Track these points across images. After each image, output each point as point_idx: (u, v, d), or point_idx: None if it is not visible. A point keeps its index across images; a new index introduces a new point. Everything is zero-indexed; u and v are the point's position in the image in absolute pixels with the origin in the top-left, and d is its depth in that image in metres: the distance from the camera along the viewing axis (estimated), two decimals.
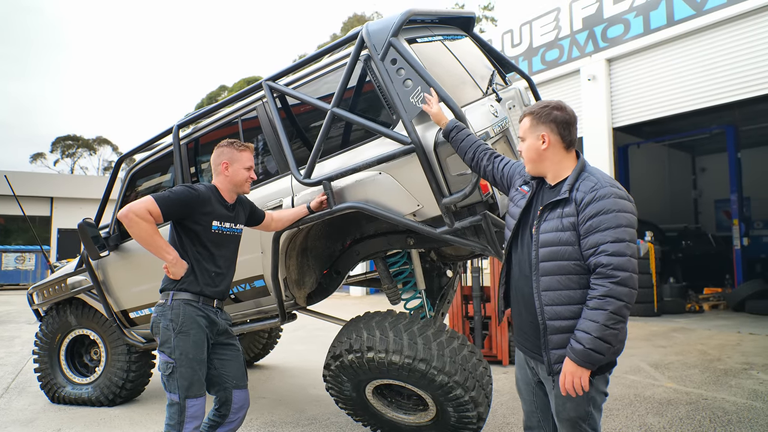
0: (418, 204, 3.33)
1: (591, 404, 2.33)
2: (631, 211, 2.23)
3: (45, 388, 5.73)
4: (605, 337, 2.14)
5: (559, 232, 2.28)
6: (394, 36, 3.23)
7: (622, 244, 2.15)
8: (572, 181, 2.32)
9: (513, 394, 5.47)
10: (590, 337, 2.14)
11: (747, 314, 10.83)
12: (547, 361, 2.33)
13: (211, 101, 43.31)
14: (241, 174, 3.31)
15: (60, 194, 29.44)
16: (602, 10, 11.09)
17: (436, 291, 4.78)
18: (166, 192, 3.11)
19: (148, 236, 2.99)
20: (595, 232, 2.19)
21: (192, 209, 3.13)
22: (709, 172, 18.29)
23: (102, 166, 54.06)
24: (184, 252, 3.17)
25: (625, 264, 2.14)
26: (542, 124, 2.38)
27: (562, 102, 2.43)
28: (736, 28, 9.25)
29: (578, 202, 2.25)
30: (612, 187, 2.24)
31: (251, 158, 3.36)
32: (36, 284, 5.99)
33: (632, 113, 10.96)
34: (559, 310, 2.27)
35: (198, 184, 3.27)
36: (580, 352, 2.17)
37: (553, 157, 2.39)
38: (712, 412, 4.74)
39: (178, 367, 3.04)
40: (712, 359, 6.83)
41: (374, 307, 5.87)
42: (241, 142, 3.38)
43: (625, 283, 2.13)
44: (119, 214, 2.98)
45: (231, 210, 3.34)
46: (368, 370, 3.63)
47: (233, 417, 3.31)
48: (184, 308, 3.10)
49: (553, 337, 2.29)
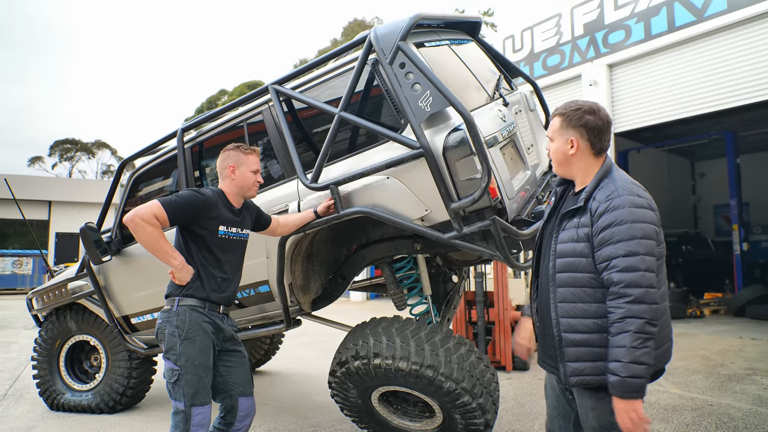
0: (427, 209, 3.30)
1: (615, 415, 2.18)
2: (650, 221, 2.12)
3: (44, 395, 5.67)
4: (638, 359, 2.00)
5: (574, 243, 2.21)
6: (403, 40, 3.20)
7: (636, 258, 2.04)
8: (591, 189, 2.23)
9: (518, 400, 5.44)
10: (622, 365, 2.01)
11: (748, 319, 10.83)
12: (563, 373, 2.25)
13: (210, 105, 43.36)
14: (249, 177, 3.28)
15: (58, 198, 29.33)
16: (603, 16, 11.11)
17: (441, 296, 4.75)
18: (173, 196, 3.07)
19: (154, 241, 2.96)
20: (607, 244, 2.09)
21: (199, 214, 3.10)
22: (708, 178, 18.33)
23: (101, 170, 54.07)
24: (190, 257, 3.14)
25: (639, 280, 2.03)
26: (572, 128, 2.27)
27: (596, 104, 2.30)
28: (736, 34, 9.27)
29: (593, 212, 2.16)
30: (630, 196, 2.13)
31: (258, 161, 3.34)
32: (35, 289, 5.94)
33: (633, 118, 10.97)
34: (573, 323, 2.20)
35: (204, 189, 3.24)
36: (618, 384, 2.03)
37: (580, 163, 2.30)
38: (718, 418, 4.72)
39: (183, 375, 3.00)
40: (716, 365, 6.81)
41: (375, 312, 5.85)
42: (247, 145, 3.35)
43: (642, 300, 2.02)
44: (125, 218, 2.95)
45: (238, 215, 3.31)
46: (375, 376, 3.60)
47: (239, 425, 3.27)
48: (190, 314, 3.06)
49: (568, 349, 2.21)
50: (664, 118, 10.43)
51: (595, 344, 2.15)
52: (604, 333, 2.12)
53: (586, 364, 2.17)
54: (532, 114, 4.68)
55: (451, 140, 3.13)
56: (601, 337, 2.13)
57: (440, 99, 3.08)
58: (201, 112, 40.94)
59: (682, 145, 15.49)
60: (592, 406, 2.23)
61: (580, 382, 2.20)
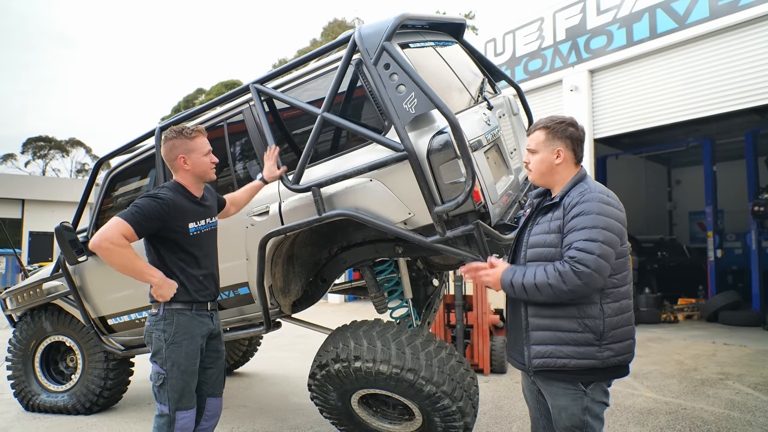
0: (410, 212, 3.29)
1: (587, 413, 2.34)
2: (615, 217, 2.28)
3: (19, 396, 5.58)
4: (527, 288, 2.29)
5: (545, 234, 2.39)
6: (388, 40, 3.18)
7: (594, 244, 2.20)
8: (567, 189, 2.42)
9: (496, 403, 5.45)
10: (520, 278, 2.31)
11: (720, 325, 10.98)
12: (527, 356, 2.41)
13: (188, 104, 42.95)
14: (203, 162, 3.12)
15: (32, 196, 28.81)
16: (585, 21, 11.19)
17: (422, 300, 4.75)
18: (133, 208, 2.90)
19: (129, 262, 2.83)
20: (573, 231, 2.27)
21: (165, 220, 2.96)
22: (683, 185, 18.56)
23: (75, 169, 53.25)
24: (164, 264, 3.04)
25: (589, 260, 2.18)
26: (558, 140, 2.45)
27: (574, 118, 2.51)
28: (716, 42, 9.39)
29: (566, 205, 2.35)
30: (600, 194, 2.32)
31: (206, 141, 3.17)
32: (9, 289, 5.82)
33: (613, 125, 11.06)
34: (540, 308, 2.36)
35: (162, 190, 3.05)
36: (507, 277, 2.37)
37: (563, 172, 2.47)
38: (692, 421, 4.78)
39: (169, 379, 2.96)
40: (689, 369, 6.90)
41: (353, 314, 5.82)
42: (189, 127, 3.14)
43: (583, 277, 2.18)
44: (91, 244, 2.80)
45: (202, 204, 3.19)
46: (355, 379, 3.58)
47: (205, 424, 3.25)
48: (177, 318, 3.01)
49: (534, 333, 2.38)
50: (644, 124, 10.53)
51: (558, 329, 2.32)
52: (569, 318, 2.30)
53: (549, 347, 2.34)
54: (515, 118, 4.69)
55: (436, 143, 3.12)
56: (565, 321, 2.31)
57: (425, 101, 3.07)
58: (178, 111, 40.60)
59: (660, 151, 15.66)
60: (564, 406, 2.36)
61: (542, 365, 2.36)
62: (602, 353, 2.27)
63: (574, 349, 2.29)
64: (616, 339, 2.29)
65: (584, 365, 2.29)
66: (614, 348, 2.29)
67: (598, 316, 2.28)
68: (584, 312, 2.29)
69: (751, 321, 10.70)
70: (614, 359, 2.30)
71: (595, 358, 2.27)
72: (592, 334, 2.27)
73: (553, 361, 2.33)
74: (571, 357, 2.29)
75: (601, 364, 2.28)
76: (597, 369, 2.30)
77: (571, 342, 2.29)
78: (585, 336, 2.28)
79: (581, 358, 2.28)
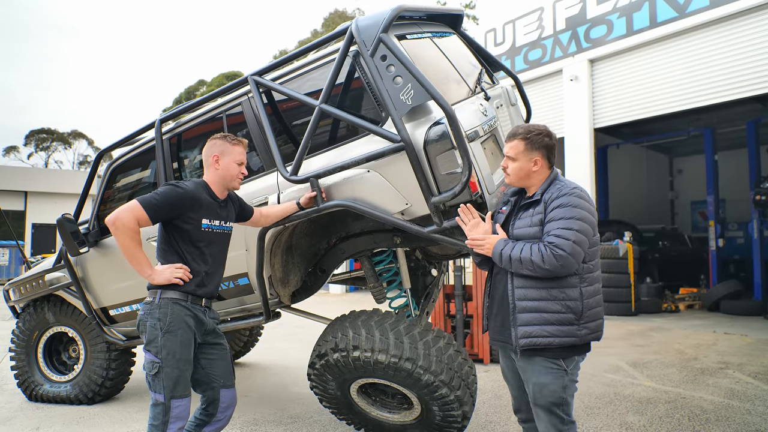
0: (407, 203, 3.31)
1: (566, 391, 2.63)
2: (588, 210, 2.60)
3: (22, 386, 5.62)
4: (513, 261, 2.59)
5: (528, 228, 2.68)
6: (385, 32, 3.17)
7: (570, 232, 2.50)
8: (545, 187, 2.73)
9: (495, 392, 5.49)
10: (509, 251, 2.60)
11: (722, 314, 11.01)
12: (514, 337, 2.64)
13: (189, 96, 42.88)
14: (233, 169, 3.23)
15: (34, 188, 28.90)
16: (585, 11, 11.15)
17: (421, 290, 4.77)
18: (153, 195, 3.02)
19: (132, 248, 2.95)
20: (552, 221, 2.58)
21: (181, 208, 3.05)
22: (685, 174, 18.52)
23: (77, 161, 53.29)
24: (174, 251, 3.11)
25: (565, 245, 2.48)
26: (536, 150, 2.73)
27: (547, 127, 2.79)
28: (717, 31, 9.36)
29: (547, 201, 2.65)
30: (575, 189, 2.64)
31: (244, 153, 3.28)
32: (12, 280, 5.86)
33: (613, 114, 11.05)
34: (525, 292, 2.62)
35: (185, 181, 3.18)
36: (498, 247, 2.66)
37: (539, 176, 2.76)
38: (691, 410, 4.81)
39: (164, 367, 2.98)
40: (689, 358, 6.92)
41: (354, 305, 5.84)
42: (234, 136, 3.30)
43: (560, 259, 2.47)
44: (107, 219, 2.93)
45: (221, 207, 3.27)
46: (354, 369, 3.61)
47: (221, 416, 3.28)
48: (172, 307, 3.03)
49: (520, 315, 2.63)
50: (645, 113, 10.51)
51: (543, 310, 2.58)
52: (552, 300, 2.58)
53: (535, 327, 2.59)
54: (513, 109, 4.69)
55: (432, 134, 3.13)
56: (549, 304, 2.58)
57: (422, 92, 3.07)
58: (179, 102, 40.49)
59: (661, 141, 15.64)
60: (546, 383, 2.62)
61: (528, 344, 2.60)
62: (581, 331, 2.58)
63: (557, 328, 2.57)
64: (591, 318, 2.60)
65: (566, 343, 2.58)
66: (590, 326, 2.60)
67: (578, 299, 2.58)
68: (566, 295, 2.57)
69: (752, 310, 10.73)
70: (589, 336, 2.62)
71: (575, 336, 2.57)
72: (573, 315, 2.57)
73: (539, 340, 2.58)
74: (554, 335, 2.57)
75: (579, 341, 2.59)
76: (576, 346, 2.61)
77: (555, 322, 2.57)
78: (567, 316, 2.57)
79: (564, 336, 2.57)
